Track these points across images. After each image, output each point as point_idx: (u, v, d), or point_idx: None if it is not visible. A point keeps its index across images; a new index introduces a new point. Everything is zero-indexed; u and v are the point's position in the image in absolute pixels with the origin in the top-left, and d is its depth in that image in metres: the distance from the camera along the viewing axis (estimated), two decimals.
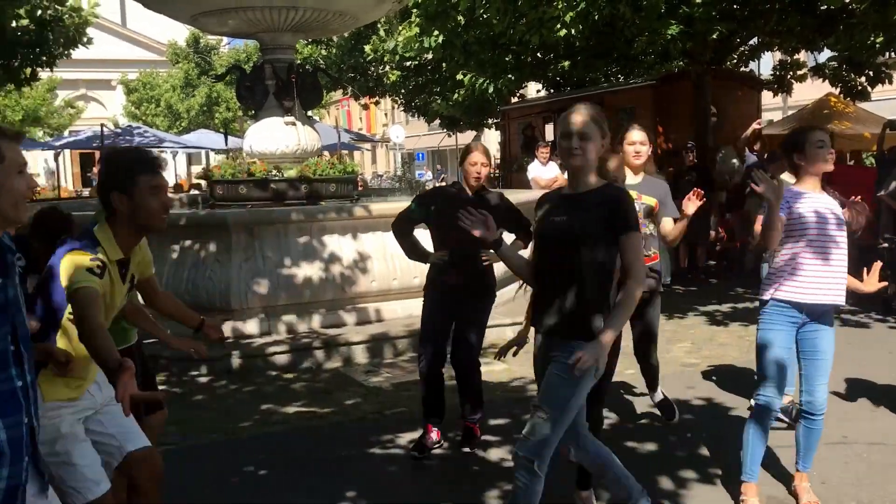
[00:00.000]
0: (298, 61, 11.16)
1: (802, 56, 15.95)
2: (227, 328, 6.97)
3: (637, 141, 4.64)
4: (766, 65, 19.38)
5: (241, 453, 4.70)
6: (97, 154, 20.65)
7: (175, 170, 31.55)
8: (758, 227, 4.45)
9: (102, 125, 21.02)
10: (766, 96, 16.42)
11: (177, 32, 33.92)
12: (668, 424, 4.99)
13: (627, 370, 5.72)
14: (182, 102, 34.68)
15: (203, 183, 13.63)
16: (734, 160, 11.32)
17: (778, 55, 16.14)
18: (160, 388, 6.09)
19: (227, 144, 15.52)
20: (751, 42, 14.49)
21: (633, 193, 4.37)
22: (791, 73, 15.83)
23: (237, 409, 5.58)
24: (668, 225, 4.74)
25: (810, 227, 3.63)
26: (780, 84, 15.92)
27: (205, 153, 31.24)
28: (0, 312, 1.99)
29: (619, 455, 3.50)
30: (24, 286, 2.47)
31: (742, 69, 16.18)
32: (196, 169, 33.49)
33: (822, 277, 3.63)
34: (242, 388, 6.10)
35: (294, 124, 9.39)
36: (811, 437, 3.77)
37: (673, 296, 9.62)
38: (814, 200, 3.68)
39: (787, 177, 4.37)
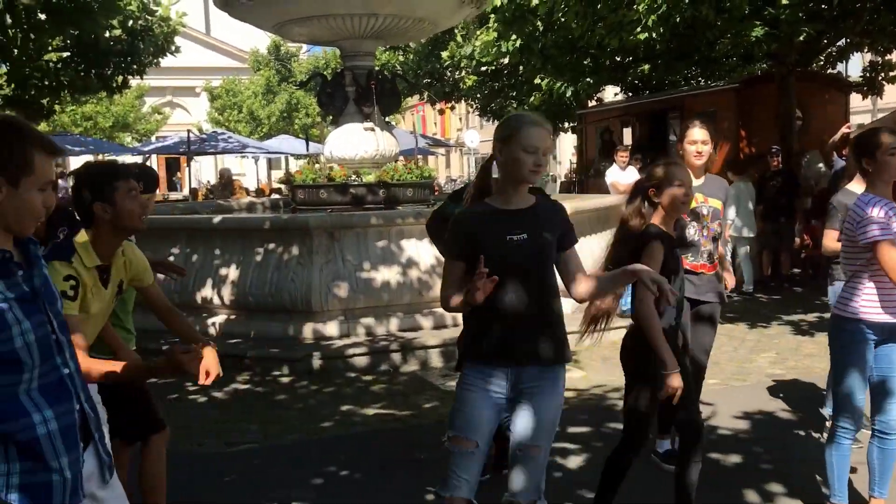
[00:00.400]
0: (377, 67, 11.33)
1: (894, 57, 15.33)
2: (308, 329, 7.13)
3: (699, 140, 4.35)
4: (854, 66, 18.71)
5: (323, 453, 4.79)
6: (183, 159, 21.29)
7: (256, 174, 32.37)
8: (827, 241, 4.29)
9: (189, 131, 21.72)
10: (855, 99, 15.82)
11: (258, 40, 34.81)
12: (751, 436, 4.86)
13: (711, 379, 5.60)
14: (263, 108, 35.53)
15: (284, 187, 13.96)
16: (820, 165, 10.96)
17: (868, 56, 15.54)
18: (244, 387, 6.29)
19: (308, 150, 15.84)
20: (839, 43, 14.01)
21: (699, 196, 4.24)
22: (882, 74, 15.23)
23: (318, 410, 5.69)
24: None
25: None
26: (870, 86, 15.30)
27: (284, 158, 31.94)
28: (31, 303, 2.00)
29: (703, 466, 3.45)
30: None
31: (829, 71, 15.65)
32: (276, 174, 34.27)
33: None
34: (323, 389, 6.22)
35: (373, 130, 9.54)
36: (886, 458, 3.58)
37: (756, 304, 9.38)
38: (889, 207, 3.46)
39: (856, 185, 4.08)
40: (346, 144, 9.57)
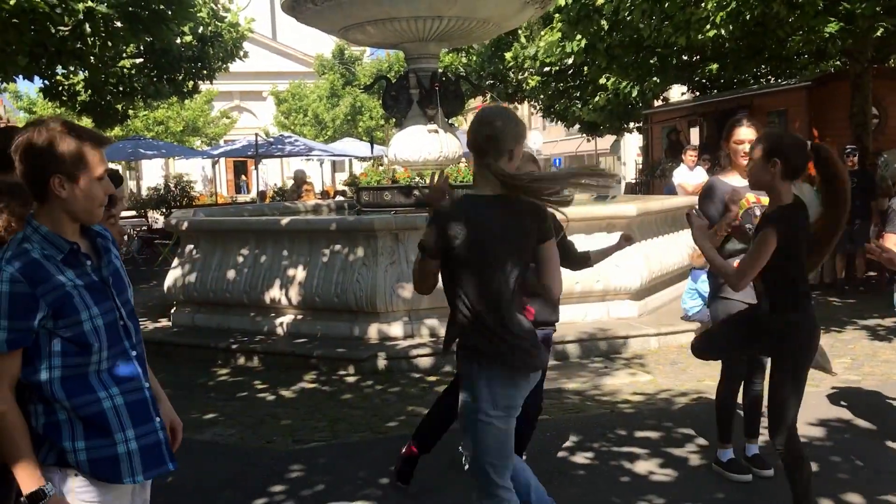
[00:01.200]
0: (441, 70, 11.37)
1: None
2: (373, 330, 7.20)
3: (746, 139, 4.09)
4: None
5: (389, 452, 4.82)
6: (250, 162, 21.73)
7: (322, 177, 32.82)
8: (889, 245, 4.09)
9: (257, 135, 22.16)
10: None
11: (323, 45, 35.31)
12: (826, 444, 4.72)
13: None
14: (328, 112, 36.01)
15: (349, 189, 14.11)
16: None
17: None
18: (311, 386, 6.39)
19: (372, 152, 15.99)
20: None
21: (750, 197, 4.07)
22: None
23: (384, 409, 5.74)
24: None
25: None
26: None
27: (349, 161, 32.31)
28: (100, 291, 2.20)
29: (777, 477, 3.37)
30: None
31: None
32: (340, 176, 34.69)
33: None
34: (388, 389, 6.26)
35: (437, 132, 9.57)
36: None
37: (830, 308, 9.11)
38: None
39: None
40: (409, 146, 9.63)
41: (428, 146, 9.57)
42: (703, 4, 10.13)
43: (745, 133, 4.13)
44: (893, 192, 10.47)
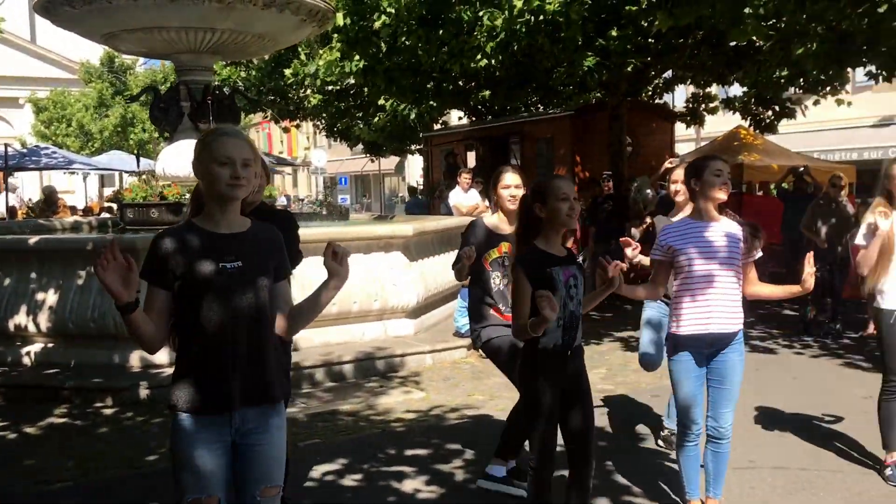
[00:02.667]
0: (216, 82, 10.94)
1: (714, 89, 16.57)
2: (135, 357, 6.72)
3: (511, 184, 4.24)
4: (680, 97, 20.07)
5: (147, 489, 4.49)
6: (0, 174, 19.68)
7: (86, 192, 30.52)
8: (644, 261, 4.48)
9: (7, 145, 20.13)
10: (680, 128, 16.97)
11: (90, 51, 32.94)
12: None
13: None
14: (95, 123, 33.61)
15: (115, 206, 13.19)
16: (648, 190, 11.60)
17: (691, 88, 16.72)
18: (60, 420, 5.83)
19: (139, 167, 15.07)
20: (665, 75, 14.97)
21: (504, 245, 4.17)
22: (703, 105, 16.43)
23: (145, 442, 5.33)
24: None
25: (695, 259, 3.71)
26: (693, 116, 16.49)
27: (118, 175, 30.30)
28: None
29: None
30: None
31: (657, 101, 16.67)
32: (109, 191, 32.44)
33: (719, 305, 3.70)
34: (151, 420, 5.85)
35: None
36: (719, 461, 3.84)
37: (591, 321, 9.74)
38: (700, 229, 3.76)
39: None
40: (179, 161, 9.13)
41: None
42: (475, 34, 10.54)
43: (511, 179, 4.25)
44: (644, 214, 11.47)
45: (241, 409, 2.54)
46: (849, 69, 12.56)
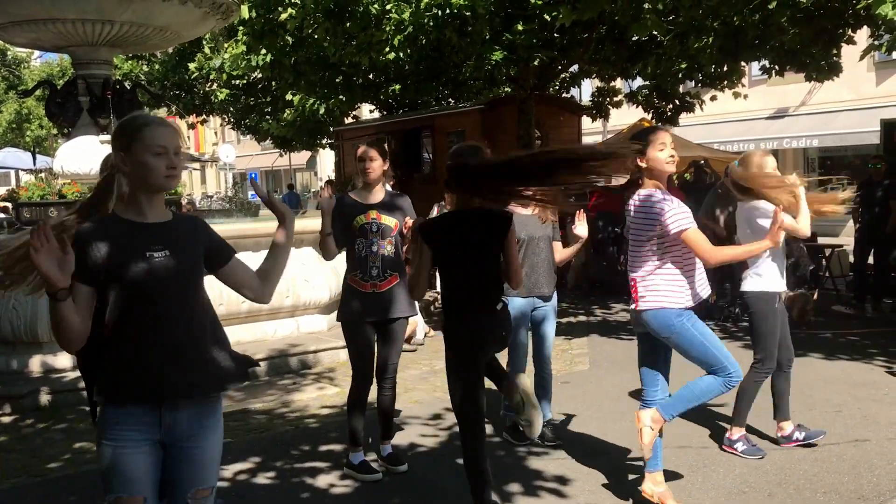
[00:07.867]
0: (117, 77, 10.60)
1: (618, 83, 17.00)
2: (35, 362, 6.47)
3: (367, 157, 4.44)
4: (586, 91, 20.52)
5: (48, 497, 4.34)
6: None
7: None
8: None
9: None
10: (587, 121, 17.35)
11: None
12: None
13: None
14: None
15: (10, 206, 12.61)
16: None
17: (596, 82, 17.10)
18: None
19: (35, 164, 14.46)
20: (571, 69, 15.27)
21: (372, 213, 4.36)
22: (608, 99, 16.83)
23: (45, 450, 5.15)
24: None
25: None
26: (599, 109, 16.88)
27: (14, 173, 29.00)
28: None
29: None
30: None
31: (564, 95, 17.00)
32: (2, 190, 31.01)
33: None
34: (53, 427, 5.65)
35: (109, 143, 8.89)
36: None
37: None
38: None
39: None
40: (78, 158, 8.83)
41: (100, 158, 8.82)
42: (382, 27, 10.52)
43: (365, 151, 4.41)
44: None
45: (170, 402, 2.43)
46: (744, 63, 13.12)
